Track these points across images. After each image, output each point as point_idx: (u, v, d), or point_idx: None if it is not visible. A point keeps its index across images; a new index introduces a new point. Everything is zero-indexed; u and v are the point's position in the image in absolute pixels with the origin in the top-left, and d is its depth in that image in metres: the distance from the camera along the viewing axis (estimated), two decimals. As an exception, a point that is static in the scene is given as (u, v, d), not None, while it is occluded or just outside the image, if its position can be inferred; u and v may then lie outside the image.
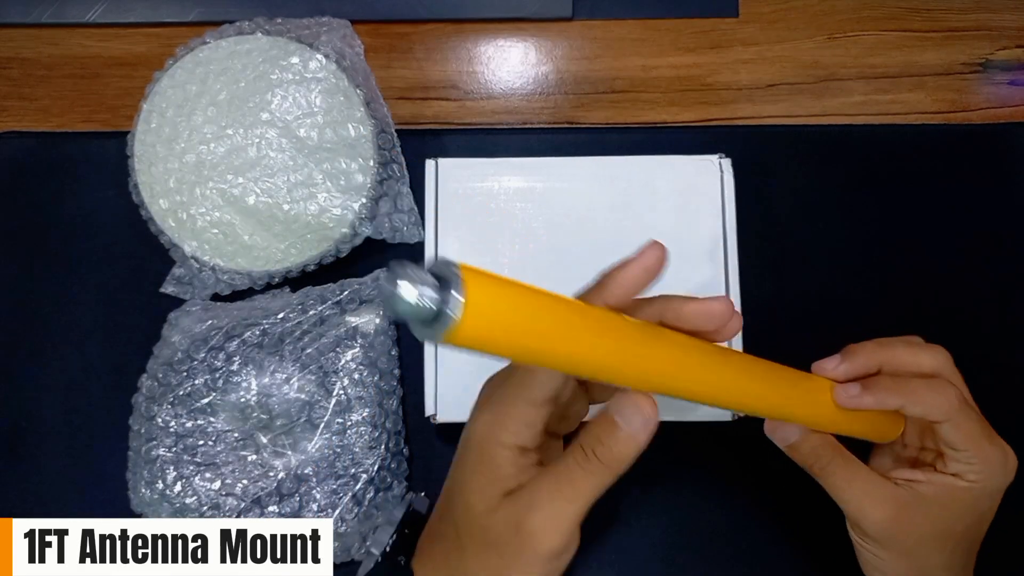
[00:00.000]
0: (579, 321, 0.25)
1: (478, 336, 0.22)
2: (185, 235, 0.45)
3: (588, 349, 0.25)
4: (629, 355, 0.26)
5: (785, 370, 0.33)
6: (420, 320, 0.22)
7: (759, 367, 0.31)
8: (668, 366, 0.28)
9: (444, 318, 0.21)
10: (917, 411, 0.33)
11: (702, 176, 0.44)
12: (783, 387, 0.32)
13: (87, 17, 0.50)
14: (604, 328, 0.26)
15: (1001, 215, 0.48)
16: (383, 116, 0.46)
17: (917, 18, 0.50)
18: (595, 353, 0.25)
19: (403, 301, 0.21)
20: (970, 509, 0.34)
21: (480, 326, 0.22)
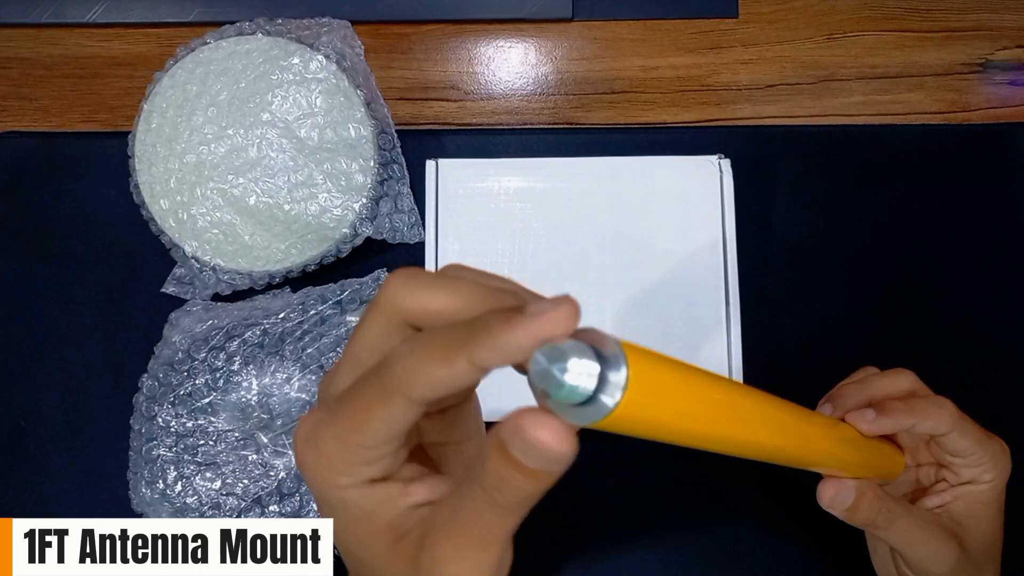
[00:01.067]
0: (739, 402, 0.25)
1: (632, 421, 0.20)
2: (186, 235, 0.45)
3: (746, 433, 0.25)
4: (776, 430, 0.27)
5: (799, 409, 0.31)
6: (569, 403, 0.19)
7: (783, 409, 0.30)
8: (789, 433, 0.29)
9: (599, 404, 0.19)
10: (927, 427, 0.34)
11: (702, 176, 0.44)
12: (804, 426, 0.31)
13: (87, 17, 0.50)
14: (759, 410, 0.26)
15: (1001, 215, 0.48)
16: (383, 116, 0.46)
17: (917, 18, 0.50)
18: (751, 437, 0.26)
19: (564, 386, 0.18)
20: (995, 506, 0.36)
21: (637, 412, 0.20)
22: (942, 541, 0.34)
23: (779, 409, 0.29)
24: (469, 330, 0.20)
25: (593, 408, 0.19)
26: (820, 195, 0.48)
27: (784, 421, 0.29)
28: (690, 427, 0.22)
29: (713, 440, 0.24)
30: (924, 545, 0.34)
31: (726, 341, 0.43)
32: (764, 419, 0.27)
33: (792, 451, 0.29)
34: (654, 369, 0.20)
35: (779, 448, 0.28)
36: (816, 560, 0.44)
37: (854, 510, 0.34)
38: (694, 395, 0.22)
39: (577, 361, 0.18)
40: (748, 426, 0.26)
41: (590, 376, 0.19)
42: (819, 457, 0.32)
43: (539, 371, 0.19)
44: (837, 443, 0.33)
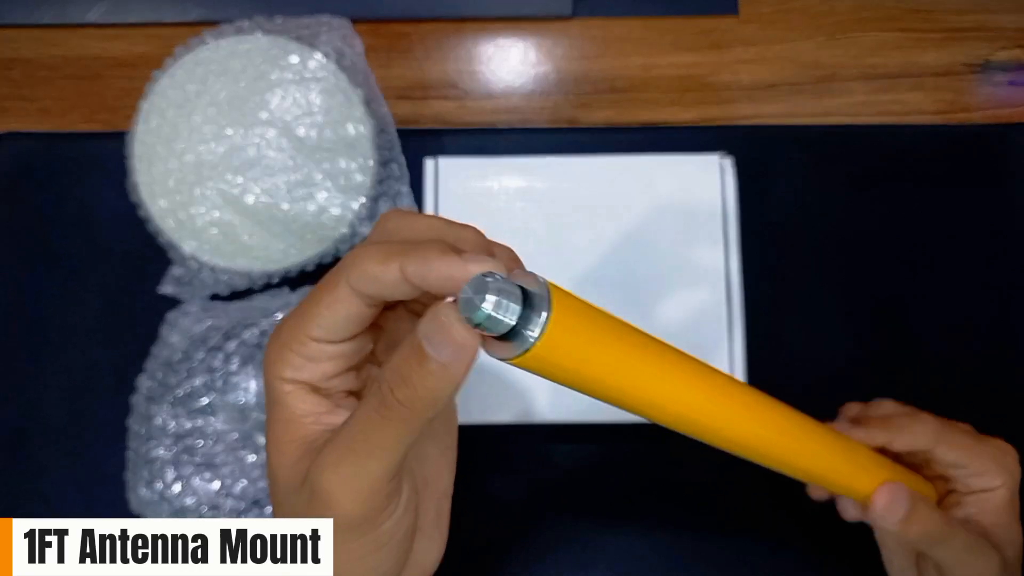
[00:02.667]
0: (663, 362, 0.24)
1: (552, 363, 0.21)
2: (184, 235, 0.45)
3: (666, 394, 0.24)
4: (716, 407, 0.26)
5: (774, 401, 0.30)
6: (493, 333, 0.20)
7: (814, 428, 0.30)
8: (762, 427, 0.28)
9: (521, 338, 0.20)
10: (905, 441, 0.34)
11: (703, 176, 0.44)
12: (770, 408, 0.29)
13: (88, 18, 0.50)
14: (687, 372, 0.25)
15: (1001, 215, 0.48)
16: (383, 115, 0.46)
17: (917, 18, 0.50)
18: (673, 401, 0.24)
19: (481, 311, 0.20)
20: (1012, 509, 0.35)
21: (557, 352, 0.21)
22: (991, 552, 0.33)
23: (746, 392, 0.27)
24: (412, 247, 0.22)
25: (515, 343, 0.20)
26: (820, 195, 0.48)
27: (746, 400, 0.27)
28: (614, 377, 0.23)
29: (642, 400, 0.24)
30: (979, 558, 0.33)
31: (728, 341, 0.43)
32: (712, 389, 0.26)
33: (745, 431, 0.27)
34: (579, 313, 0.21)
35: (722, 421, 0.26)
36: (823, 566, 0.44)
37: (909, 522, 0.31)
38: (619, 345, 0.23)
39: (497, 294, 0.20)
40: (686, 392, 0.25)
41: (509, 309, 0.20)
42: (782, 451, 0.29)
43: (464, 299, 0.20)
44: (814, 440, 0.30)
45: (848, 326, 0.47)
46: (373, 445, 0.22)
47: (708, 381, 0.26)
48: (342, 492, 0.22)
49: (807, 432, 0.30)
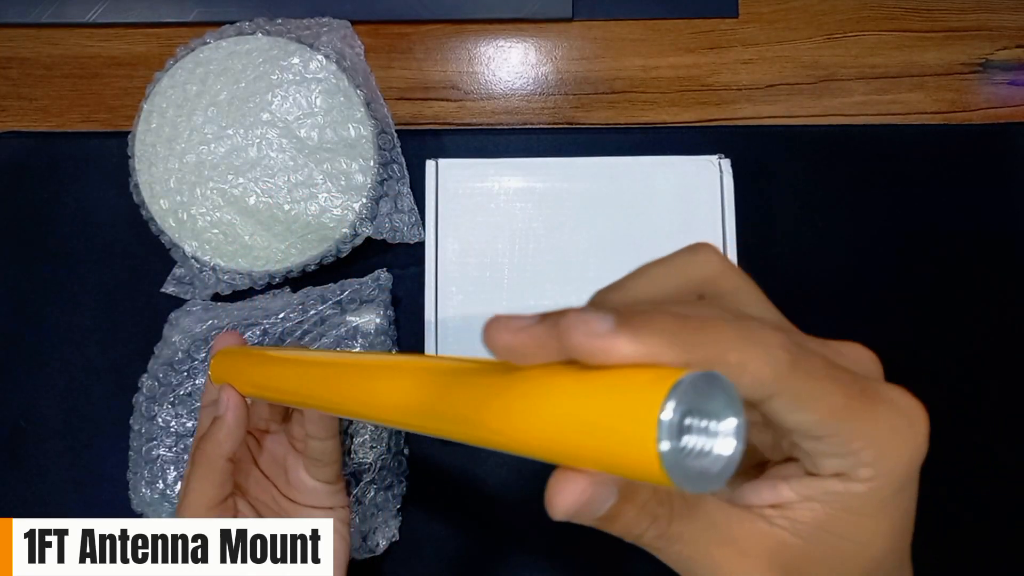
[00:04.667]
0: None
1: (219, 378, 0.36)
2: (185, 235, 0.45)
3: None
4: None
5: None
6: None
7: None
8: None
9: None
10: (701, 355, 0.17)
11: (702, 176, 0.44)
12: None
13: (87, 17, 0.50)
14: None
15: (1001, 215, 0.48)
16: (383, 116, 0.46)
17: (917, 18, 0.50)
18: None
19: None
20: (880, 523, 0.20)
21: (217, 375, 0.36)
22: (744, 570, 0.20)
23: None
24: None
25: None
26: (820, 195, 0.48)
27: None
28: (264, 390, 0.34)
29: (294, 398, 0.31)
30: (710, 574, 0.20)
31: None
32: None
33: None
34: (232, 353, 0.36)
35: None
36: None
37: (611, 519, 0.19)
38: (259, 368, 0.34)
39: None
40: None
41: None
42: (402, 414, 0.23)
43: None
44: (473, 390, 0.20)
45: (847, 326, 0.47)
46: (195, 479, 0.35)
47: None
48: (198, 507, 0.34)
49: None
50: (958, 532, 0.44)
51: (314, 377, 0.29)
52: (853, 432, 0.19)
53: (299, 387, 0.30)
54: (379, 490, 0.43)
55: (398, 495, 0.44)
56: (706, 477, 0.17)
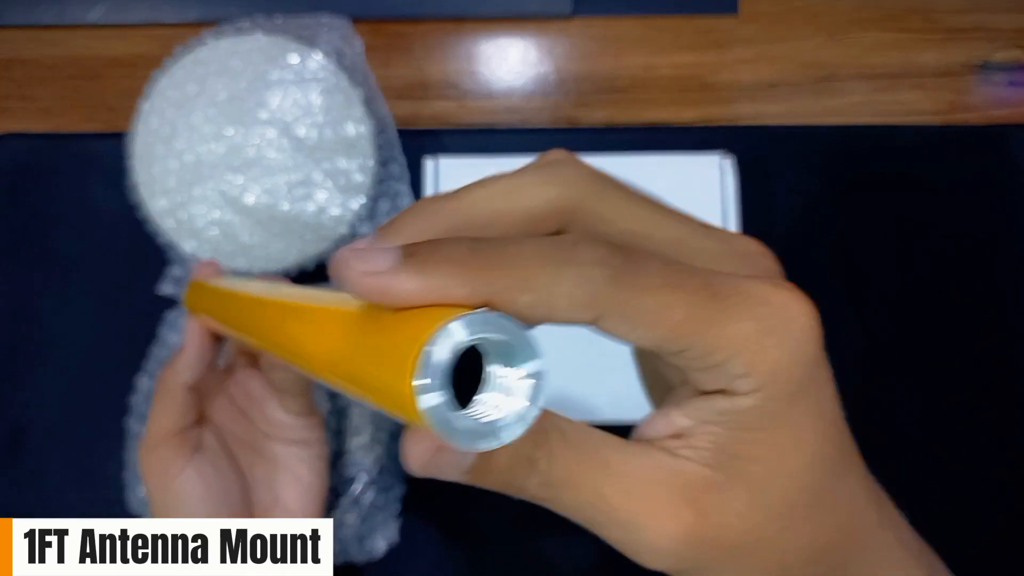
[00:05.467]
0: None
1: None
2: (184, 235, 0.45)
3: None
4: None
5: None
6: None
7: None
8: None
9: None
10: (523, 304, 0.16)
11: (703, 175, 0.44)
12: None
13: (88, 18, 0.50)
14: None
15: (1001, 216, 0.48)
16: (382, 115, 0.46)
17: (917, 18, 0.50)
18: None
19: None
20: (787, 436, 0.18)
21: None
22: (653, 514, 0.17)
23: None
24: None
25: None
26: (820, 195, 0.48)
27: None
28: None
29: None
30: (616, 525, 0.18)
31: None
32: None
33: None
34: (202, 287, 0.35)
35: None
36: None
37: (482, 472, 0.18)
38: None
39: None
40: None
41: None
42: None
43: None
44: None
45: (847, 325, 0.47)
46: (155, 411, 0.34)
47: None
48: (143, 452, 0.34)
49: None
50: (958, 531, 0.44)
51: (249, 315, 0.28)
52: (711, 342, 0.17)
53: (241, 325, 0.29)
54: (379, 491, 0.43)
55: (398, 496, 0.44)
56: (491, 432, 0.15)
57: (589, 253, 0.16)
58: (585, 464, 0.18)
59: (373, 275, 0.15)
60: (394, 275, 0.15)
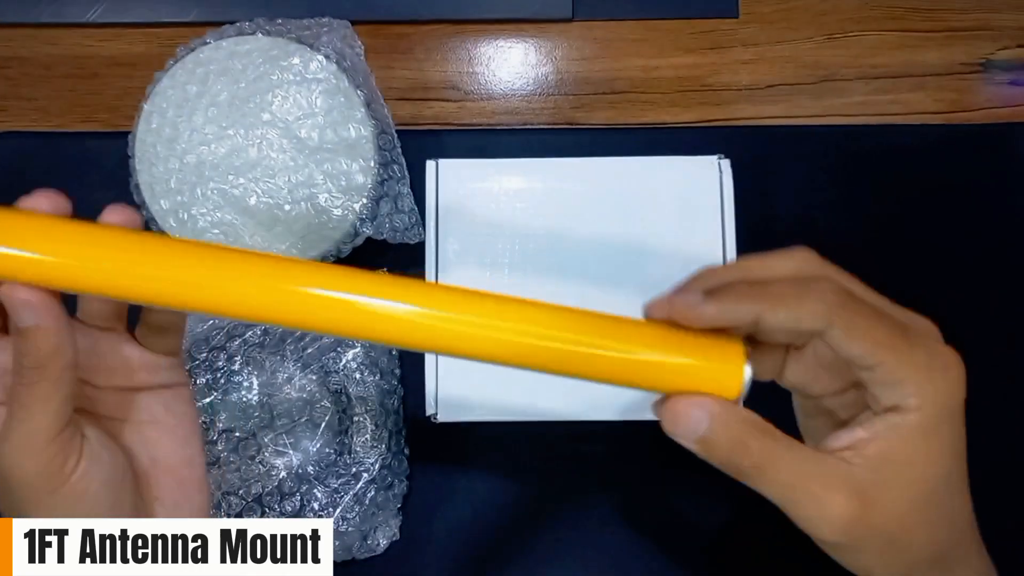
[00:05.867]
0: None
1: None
2: (186, 235, 0.45)
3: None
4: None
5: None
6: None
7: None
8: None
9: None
10: (781, 318, 0.24)
11: (702, 177, 0.44)
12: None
13: (86, 17, 0.50)
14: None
15: (1001, 215, 0.48)
16: (383, 117, 0.46)
17: (917, 18, 0.50)
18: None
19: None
20: (929, 450, 0.25)
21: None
22: (829, 498, 0.24)
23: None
24: None
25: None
26: (820, 195, 0.48)
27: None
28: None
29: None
30: (802, 505, 0.25)
31: (726, 341, 0.43)
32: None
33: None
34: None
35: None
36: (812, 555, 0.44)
37: (709, 444, 0.25)
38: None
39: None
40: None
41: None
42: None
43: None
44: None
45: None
46: (28, 408, 0.26)
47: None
48: (19, 457, 0.26)
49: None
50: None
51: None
52: (897, 364, 0.24)
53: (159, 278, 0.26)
54: (379, 490, 0.43)
55: (398, 495, 0.44)
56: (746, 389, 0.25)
57: (826, 285, 0.25)
58: (787, 456, 0.25)
59: (690, 307, 0.25)
60: (702, 305, 0.25)
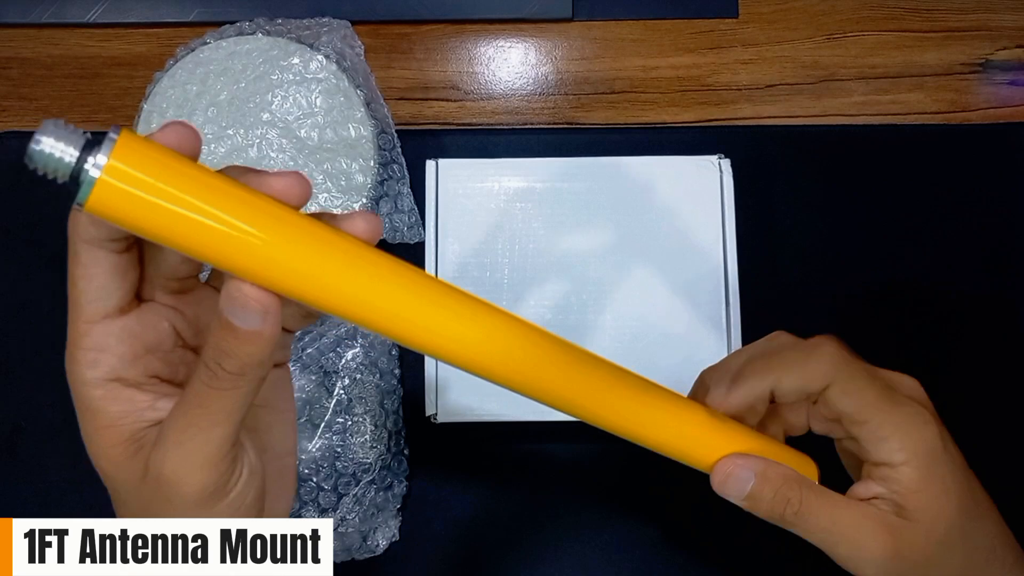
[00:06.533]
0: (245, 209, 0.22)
1: (115, 209, 0.20)
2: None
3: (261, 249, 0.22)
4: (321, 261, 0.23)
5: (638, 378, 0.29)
6: (59, 179, 0.20)
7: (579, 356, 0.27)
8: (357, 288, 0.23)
9: (82, 180, 0.20)
10: (791, 383, 0.28)
11: (702, 176, 0.44)
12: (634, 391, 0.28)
13: (87, 17, 0.50)
14: (291, 226, 0.22)
15: (1001, 215, 0.48)
16: (383, 116, 0.46)
17: (917, 18, 0.50)
18: (273, 256, 0.22)
19: (36, 151, 0.20)
20: (937, 489, 0.29)
21: (116, 199, 0.20)
22: (867, 538, 0.28)
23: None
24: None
25: (81, 188, 0.20)
26: (820, 195, 0.48)
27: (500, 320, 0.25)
28: (197, 231, 0.21)
29: (240, 265, 0.22)
30: (843, 544, 0.28)
31: (726, 341, 0.43)
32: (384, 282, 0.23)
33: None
34: (157, 158, 0.20)
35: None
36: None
37: (755, 499, 0.28)
38: (199, 194, 0.21)
39: (52, 135, 0.20)
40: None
41: (63, 150, 0.20)
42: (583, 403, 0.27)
43: (30, 146, 0.20)
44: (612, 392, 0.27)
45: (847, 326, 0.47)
46: (213, 416, 0.23)
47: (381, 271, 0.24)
48: (189, 468, 0.23)
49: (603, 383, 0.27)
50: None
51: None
52: (883, 421, 0.28)
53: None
54: (379, 490, 0.43)
55: (398, 495, 0.44)
56: None
57: (828, 346, 0.29)
58: (824, 505, 0.29)
59: (720, 403, 0.29)
60: (731, 394, 0.29)
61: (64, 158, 0.20)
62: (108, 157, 0.20)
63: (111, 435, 0.24)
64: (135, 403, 0.24)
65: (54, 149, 0.20)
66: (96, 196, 0.20)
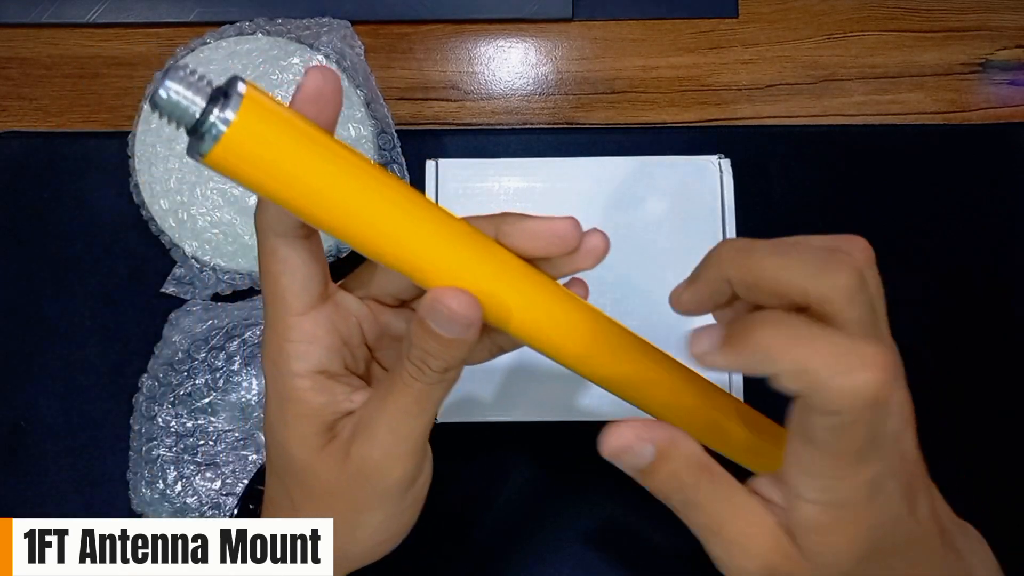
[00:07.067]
0: (368, 186, 0.22)
1: (242, 163, 0.21)
2: (185, 235, 0.45)
3: (371, 218, 0.23)
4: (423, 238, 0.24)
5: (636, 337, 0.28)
6: (181, 125, 0.20)
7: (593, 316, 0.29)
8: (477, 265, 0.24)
9: (208, 131, 0.20)
10: (787, 367, 0.22)
11: (701, 177, 0.44)
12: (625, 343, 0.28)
13: (87, 17, 0.50)
14: (398, 197, 0.23)
15: (1001, 215, 0.48)
16: (383, 116, 0.46)
17: (917, 18, 0.50)
18: (377, 227, 0.23)
19: (162, 97, 0.20)
20: (842, 542, 0.23)
21: (244, 152, 0.20)
22: (747, 551, 0.23)
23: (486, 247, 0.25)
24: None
25: (203, 139, 0.20)
26: (820, 195, 0.48)
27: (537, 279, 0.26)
28: (316, 191, 0.22)
29: (352, 229, 0.22)
30: (720, 546, 0.24)
31: (726, 341, 0.43)
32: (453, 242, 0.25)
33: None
34: (280, 115, 0.21)
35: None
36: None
37: (648, 476, 0.24)
38: (328, 163, 0.22)
39: (180, 81, 0.20)
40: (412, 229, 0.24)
41: (190, 98, 0.20)
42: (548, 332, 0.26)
43: (154, 89, 0.21)
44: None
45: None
46: (420, 406, 0.24)
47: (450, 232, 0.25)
48: (396, 455, 0.25)
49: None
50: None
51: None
52: (827, 465, 0.23)
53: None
54: (379, 490, 0.43)
55: (398, 495, 0.44)
56: None
57: (804, 329, 0.23)
58: (713, 499, 0.24)
59: (704, 356, 0.23)
60: (713, 356, 0.22)
61: (190, 108, 0.20)
62: (235, 113, 0.20)
63: (311, 424, 0.25)
64: (335, 394, 0.25)
65: (181, 97, 0.20)
66: (218, 150, 0.20)
